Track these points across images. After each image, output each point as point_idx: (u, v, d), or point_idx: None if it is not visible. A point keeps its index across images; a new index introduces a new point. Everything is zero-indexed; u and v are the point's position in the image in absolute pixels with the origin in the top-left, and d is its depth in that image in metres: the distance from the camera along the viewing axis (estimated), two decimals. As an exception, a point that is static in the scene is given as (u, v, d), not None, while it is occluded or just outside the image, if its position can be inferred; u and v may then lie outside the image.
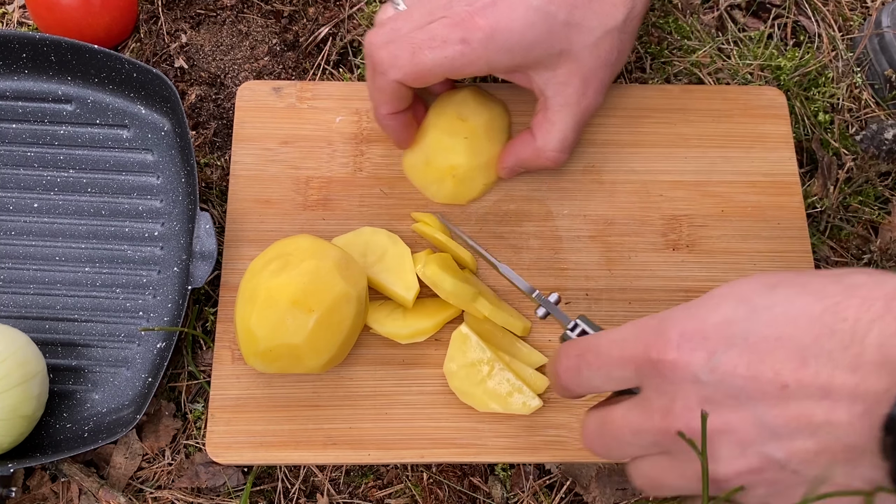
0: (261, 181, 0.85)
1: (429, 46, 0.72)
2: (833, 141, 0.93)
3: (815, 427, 0.49)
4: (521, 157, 0.81)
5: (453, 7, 0.74)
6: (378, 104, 0.78)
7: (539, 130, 0.79)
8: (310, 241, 0.76)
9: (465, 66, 0.73)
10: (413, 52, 0.73)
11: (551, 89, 0.77)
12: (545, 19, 0.73)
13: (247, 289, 0.74)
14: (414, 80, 0.74)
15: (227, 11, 0.97)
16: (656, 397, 0.54)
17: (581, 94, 0.77)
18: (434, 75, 0.74)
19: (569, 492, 0.81)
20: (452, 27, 0.72)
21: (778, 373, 0.50)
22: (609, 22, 0.75)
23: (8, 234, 0.85)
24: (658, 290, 0.83)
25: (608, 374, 0.58)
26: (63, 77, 0.88)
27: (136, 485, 0.81)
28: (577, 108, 0.78)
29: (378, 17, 0.80)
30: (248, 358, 0.74)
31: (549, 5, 0.73)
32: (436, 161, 0.82)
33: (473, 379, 0.76)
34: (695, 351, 0.52)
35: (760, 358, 0.50)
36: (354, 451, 0.77)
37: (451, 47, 0.72)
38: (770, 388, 0.50)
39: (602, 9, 0.75)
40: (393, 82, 0.74)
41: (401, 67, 0.73)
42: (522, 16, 0.72)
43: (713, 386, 0.52)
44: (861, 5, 1.02)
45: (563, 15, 0.73)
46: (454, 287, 0.76)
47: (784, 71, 0.95)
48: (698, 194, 0.86)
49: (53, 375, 0.81)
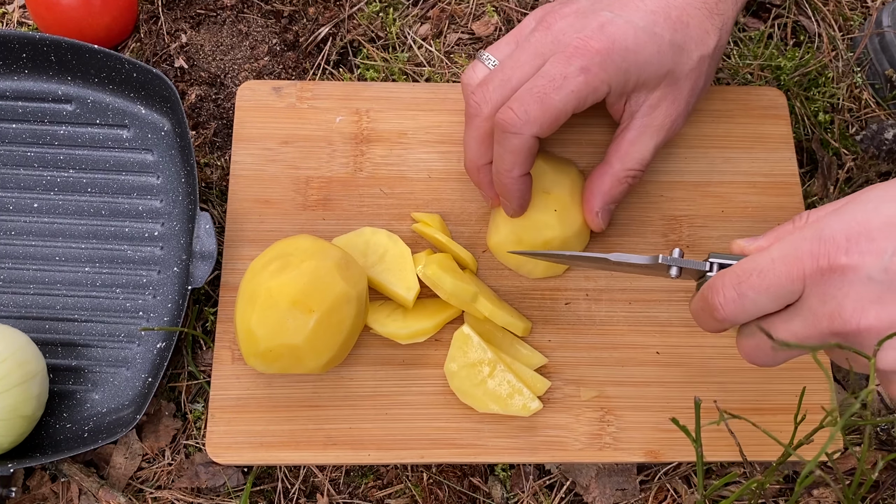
0: (261, 181, 0.85)
1: (553, 88, 0.70)
2: (833, 141, 0.93)
3: None
4: (603, 190, 0.78)
5: (562, 40, 0.72)
6: (510, 168, 0.74)
7: (616, 153, 0.78)
8: (310, 242, 0.76)
9: (590, 94, 0.72)
10: (541, 100, 0.70)
11: (641, 110, 0.77)
12: (653, 39, 0.73)
13: (247, 289, 0.74)
14: (548, 129, 0.72)
15: (227, 11, 0.97)
16: (820, 304, 0.57)
17: (667, 116, 0.77)
18: (565, 115, 0.72)
19: (569, 492, 0.81)
20: (569, 60, 0.71)
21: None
22: (703, 48, 0.75)
23: (8, 234, 0.85)
24: (658, 291, 0.83)
25: (776, 294, 0.59)
26: (63, 77, 0.88)
27: (136, 485, 0.81)
28: (660, 129, 0.77)
29: (469, 77, 0.78)
30: (248, 358, 0.74)
31: (654, 26, 0.73)
32: (529, 239, 0.79)
33: (474, 379, 0.76)
34: (864, 254, 0.55)
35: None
36: (354, 451, 0.77)
37: (574, 80, 0.71)
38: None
39: (697, 35, 0.75)
40: (530, 139, 0.72)
41: (535, 120, 0.71)
42: (633, 36, 0.72)
43: (885, 284, 0.54)
44: (861, 5, 1.02)
45: (667, 36, 0.73)
46: (454, 287, 0.76)
47: (784, 71, 0.95)
48: (698, 195, 0.86)
49: (53, 375, 0.81)
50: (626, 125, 0.78)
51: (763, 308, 0.61)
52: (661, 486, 0.82)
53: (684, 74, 0.75)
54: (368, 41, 0.97)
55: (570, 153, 0.87)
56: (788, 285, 0.58)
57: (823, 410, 0.78)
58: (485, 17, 0.98)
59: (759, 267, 0.60)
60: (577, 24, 0.73)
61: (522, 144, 0.72)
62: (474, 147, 0.77)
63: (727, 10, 0.76)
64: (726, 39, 0.78)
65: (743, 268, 0.61)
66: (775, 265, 0.59)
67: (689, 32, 0.74)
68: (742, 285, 0.60)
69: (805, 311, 0.58)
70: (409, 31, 0.97)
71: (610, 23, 0.72)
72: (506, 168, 0.74)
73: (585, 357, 0.81)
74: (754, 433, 0.70)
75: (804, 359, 0.81)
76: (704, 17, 0.75)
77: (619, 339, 0.81)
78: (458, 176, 0.86)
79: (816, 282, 0.57)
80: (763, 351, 0.63)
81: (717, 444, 0.77)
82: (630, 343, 0.81)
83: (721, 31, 0.76)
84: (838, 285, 0.56)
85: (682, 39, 0.74)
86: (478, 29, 0.97)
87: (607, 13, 0.73)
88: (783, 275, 0.58)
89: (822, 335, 0.58)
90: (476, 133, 0.76)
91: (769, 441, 0.75)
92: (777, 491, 0.82)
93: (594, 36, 0.71)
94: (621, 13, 0.73)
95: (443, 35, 0.97)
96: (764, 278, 0.59)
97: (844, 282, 0.56)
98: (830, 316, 0.56)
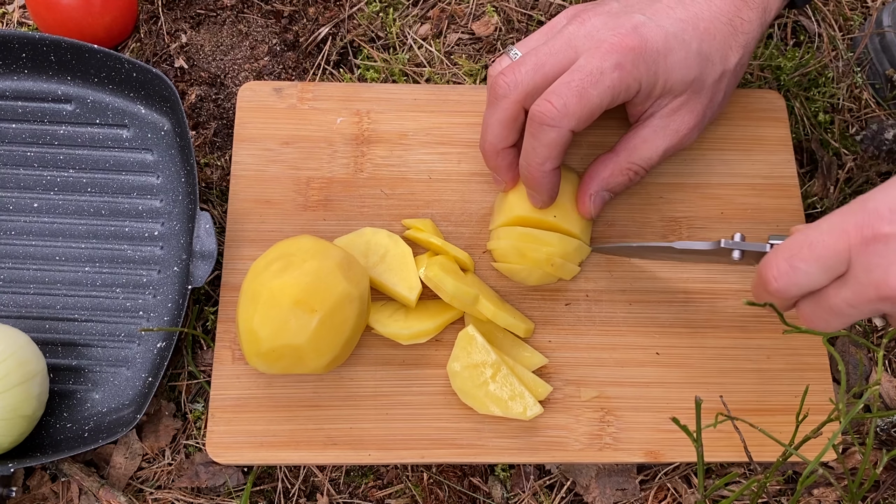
0: (261, 182, 0.85)
1: (591, 83, 0.71)
2: (833, 141, 0.93)
3: None
4: (602, 176, 0.79)
5: (596, 36, 0.73)
6: (542, 161, 0.75)
7: (625, 147, 0.79)
8: (312, 242, 0.76)
9: (623, 91, 0.73)
10: (580, 94, 0.71)
11: (660, 112, 0.78)
12: (682, 46, 0.74)
13: (249, 289, 0.74)
14: (584, 123, 0.73)
15: (227, 11, 0.97)
16: (866, 273, 0.59)
17: (684, 122, 0.78)
18: (599, 111, 0.73)
19: (569, 492, 0.81)
20: (605, 55, 0.72)
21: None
22: (727, 64, 0.77)
23: (8, 234, 0.85)
24: (658, 292, 0.83)
25: (826, 265, 0.61)
26: (63, 77, 0.88)
27: (136, 485, 0.81)
28: (674, 135, 0.78)
29: (495, 69, 0.79)
30: (250, 358, 0.74)
31: (683, 33, 0.74)
32: (530, 253, 0.79)
33: (476, 381, 0.76)
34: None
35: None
36: (355, 451, 0.77)
37: (610, 76, 0.72)
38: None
39: (721, 49, 0.76)
40: (567, 133, 0.73)
41: (574, 114, 0.72)
42: (664, 39, 0.73)
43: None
44: (861, 5, 1.02)
45: (695, 45, 0.75)
46: (456, 289, 0.76)
47: (784, 71, 0.95)
48: (698, 196, 0.87)
49: (53, 375, 0.81)
50: (643, 124, 0.79)
51: (814, 280, 0.62)
52: (661, 485, 0.82)
53: (707, 85, 0.77)
54: (368, 41, 0.97)
55: (570, 154, 0.87)
56: (836, 255, 0.60)
57: (831, 403, 0.79)
58: (485, 17, 0.98)
59: (808, 240, 0.62)
60: (610, 22, 0.74)
61: (559, 138, 0.73)
62: (497, 129, 0.77)
63: (752, 30, 0.77)
64: (748, 60, 0.79)
65: (795, 240, 0.63)
66: (823, 237, 0.61)
67: (715, 45, 0.76)
68: (794, 258, 0.62)
69: (853, 280, 0.60)
70: (409, 31, 0.97)
71: (643, 25, 0.73)
72: (538, 161, 0.75)
73: (585, 358, 0.81)
74: (753, 434, 0.70)
75: (804, 360, 0.81)
76: (729, 34, 0.76)
77: (619, 339, 0.81)
78: (458, 177, 0.86)
79: (861, 251, 0.59)
80: (820, 313, 0.64)
81: (717, 445, 0.77)
82: (630, 344, 0.81)
83: (745, 49, 0.78)
84: (883, 253, 0.58)
85: (709, 51, 0.76)
86: (478, 29, 0.97)
87: (640, 16, 0.74)
88: (830, 245, 0.60)
89: (871, 302, 0.59)
90: (502, 115, 0.76)
91: (768, 442, 0.75)
92: (777, 491, 0.82)
93: (629, 35, 0.72)
94: (653, 18, 0.74)
95: (443, 35, 0.97)
96: (814, 250, 0.61)
97: (888, 250, 0.58)
98: (877, 284, 0.58)
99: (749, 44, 0.78)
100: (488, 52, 0.96)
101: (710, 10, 0.76)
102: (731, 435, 0.77)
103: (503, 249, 0.80)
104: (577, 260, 0.81)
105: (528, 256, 0.79)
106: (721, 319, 0.82)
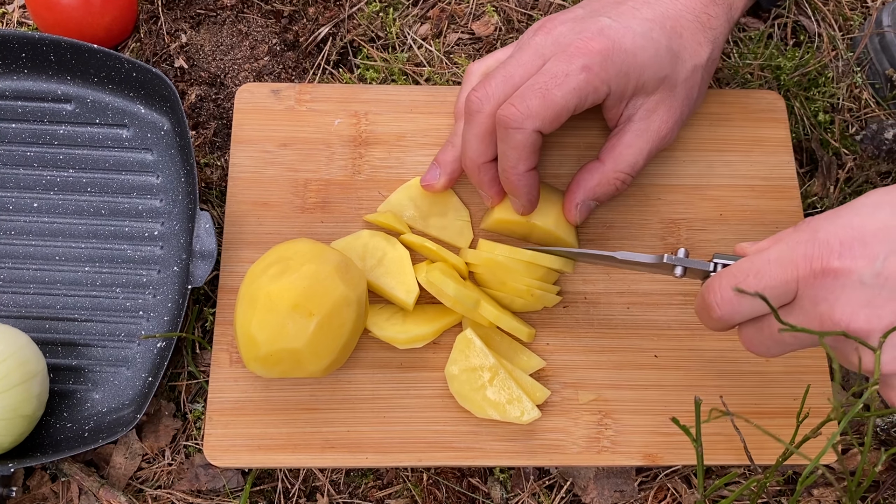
0: (259, 183, 0.85)
1: (555, 84, 0.72)
2: (833, 141, 0.93)
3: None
4: (589, 186, 0.79)
5: (562, 42, 0.74)
6: (515, 163, 0.75)
7: (610, 154, 0.79)
8: (309, 245, 0.76)
9: (590, 93, 0.73)
10: (542, 95, 0.72)
11: (638, 114, 0.78)
12: (651, 44, 0.74)
13: (246, 294, 0.74)
14: (550, 124, 0.73)
15: (227, 11, 0.97)
16: (812, 306, 0.58)
17: (663, 122, 0.78)
18: (566, 112, 0.73)
19: (568, 493, 0.81)
20: (570, 58, 0.72)
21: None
22: (697, 59, 0.77)
23: (8, 234, 0.85)
24: (656, 294, 0.83)
25: (771, 295, 0.60)
26: (63, 77, 0.88)
27: (136, 485, 0.81)
28: (655, 135, 0.78)
29: (472, 71, 0.81)
30: (248, 363, 0.74)
31: (651, 32, 0.75)
32: (510, 282, 0.79)
33: (474, 384, 0.76)
34: (858, 258, 0.56)
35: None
36: (352, 454, 0.77)
37: (575, 77, 0.72)
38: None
39: (690, 45, 0.77)
40: (532, 133, 0.73)
41: (536, 115, 0.72)
42: (631, 40, 0.74)
43: (877, 289, 0.56)
44: (861, 5, 1.02)
45: (664, 42, 0.75)
46: (458, 292, 0.76)
47: (784, 71, 0.95)
48: (697, 198, 0.86)
49: (54, 375, 0.81)
50: (623, 128, 0.79)
51: (758, 309, 0.62)
52: (660, 485, 0.82)
53: (680, 81, 0.77)
54: (368, 41, 0.97)
55: (570, 154, 0.87)
56: (783, 286, 0.60)
57: (829, 403, 0.79)
58: (485, 17, 0.98)
59: (755, 268, 0.61)
60: (576, 27, 0.75)
61: (525, 139, 0.73)
62: (475, 145, 0.77)
63: (719, 25, 0.78)
64: (718, 54, 0.80)
65: (740, 268, 0.62)
66: (771, 267, 0.60)
67: (684, 42, 0.76)
68: (738, 286, 0.61)
69: (798, 311, 0.60)
70: (408, 31, 0.97)
71: (608, 27, 0.74)
72: (510, 164, 0.75)
73: (583, 360, 0.81)
74: (752, 437, 0.70)
75: (803, 362, 0.81)
76: (697, 30, 0.77)
77: (617, 342, 0.81)
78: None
79: (810, 284, 0.58)
80: (761, 339, 0.64)
81: (716, 447, 0.77)
82: (628, 346, 0.81)
83: (713, 44, 0.78)
84: (830, 288, 0.57)
85: (678, 48, 0.76)
86: (478, 29, 0.97)
87: (605, 19, 0.74)
88: (778, 276, 0.60)
89: (814, 337, 0.59)
90: (477, 130, 0.76)
91: (767, 444, 0.75)
92: (777, 491, 0.82)
93: (595, 38, 0.73)
94: (619, 19, 0.75)
95: (443, 35, 0.97)
96: (760, 279, 0.60)
97: (836, 285, 0.57)
98: (821, 318, 0.58)
99: (717, 39, 0.78)
100: (488, 51, 0.96)
101: (675, 7, 0.76)
102: (730, 437, 0.77)
103: (485, 276, 0.80)
104: (571, 265, 0.81)
105: (508, 285, 0.79)
106: (719, 322, 0.82)
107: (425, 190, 0.83)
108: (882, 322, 0.56)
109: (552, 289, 0.80)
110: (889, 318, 0.56)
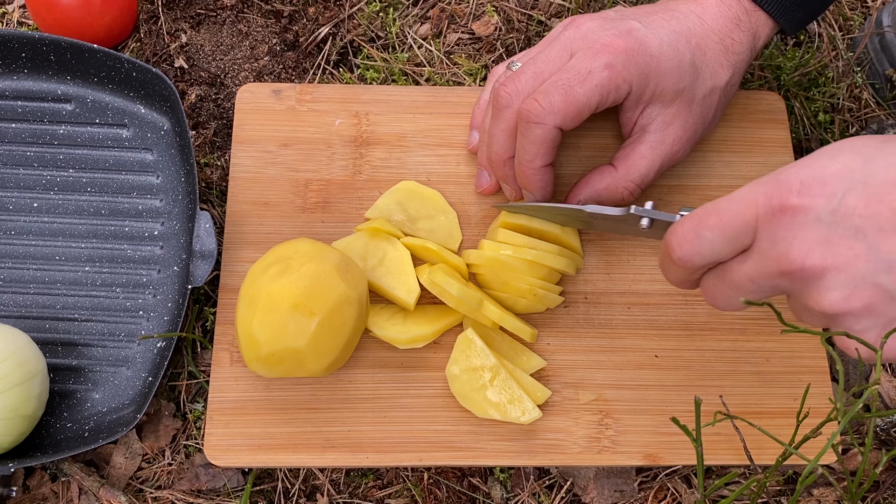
0: (260, 183, 0.85)
1: (578, 81, 0.73)
2: (833, 141, 0.93)
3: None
4: (596, 188, 0.80)
5: (589, 38, 0.75)
6: (533, 157, 0.76)
7: (623, 162, 0.79)
8: (309, 245, 0.76)
9: (612, 91, 0.74)
10: (565, 91, 0.72)
11: (654, 125, 0.78)
12: (675, 54, 0.75)
13: (247, 294, 0.74)
14: (572, 121, 0.74)
15: (227, 11, 0.97)
16: (769, 247, 0.58)
17: (677, 137, 0.78)
18: (588, 109, 0.74)
19: (568, 492, 0.81)
20: (594, 56, 0.73)
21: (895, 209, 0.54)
22: (717, 80, 0.78)
23: (8, 234, 0.85)
24: (657, 294, 0.83)
25: (730, 234, 0.60)
26: (62, 76, 0.88)
27: (136, 485, 0.81)
28: (669, 150, 0.79)
29: (496, 73, 0.83)
30: (249, 363, 0.74)
31: (677, 43, 0.75)
32: (514, 282, 0.79)
33: (475, 384, 0.76)
34: (816, 196, 0.56)
35: (879, 198, 0.55)
36: (353, 454, 0.77)
37: (598, 75, 0.73)
38: (887, 224, 0.55)
39: (712, 66, 0.77)
40: (553, 129, 0.74)
41: (558, 111, 0.73)
42: (657, 46, 0.74)
43: (832, 226, 0.56)
44: (861, 5, 1.02)
45: (689, 56, 0.76)
46: (461, 292, 0.76)
47: (784, 71, 0.95)
48: (697, 198, 0.86)
49: (54, 375, 0.81)
50: (638, 138, 0.79)
51: (718, 249, 0.61)
52: (661, 485, 0.82)
53: (698, 99, 0.78)
54: (368, 41, 0.97)
55: (569, 155, 0.87)
56: (742, 225, 0.59)
57: (830, 402, 0.79)
58: (485, 17, 0.98)
59: (717, 208, 0.61)
60: (606, 25, 0.76)
61: (545, 135, 0.74)
62: (502, 140, 0.78)
63: (742, 52, 0.78)
64: (738, 81, 0.80)
65: (704, 209, 0.62)
66: (731, 205, 0.60)
67: (707, 61, 0.77)
68: (699, 226, 0.61)
69: (756, 253, 0.59)
70: (409, 31, 0.97)
71: (637, 29, 0.74)
72: (527, 158, 0.76)
73: (584, 360, 0.81)
74: (752, 437, 0.70)
75: (803, 362, 0.81)
76: (720, 52, 0.78)
77: (617, 342, 0.82)
78: (457, 179, 0.86)
79: (767, 222, 0.58)
80: (723, 289, 0.63)
81: (716, 447, 0.77)
82: (628, 346, 0.81)
83: (734, 69, 0.78)
84: (788, 226, 0.57)
85: (700, 64, 0.77)
86: (478, 29, 0.97)
87: (635, 22, 0.75)
88: (738, 214, 0.59)
89: (772, 277, 0.58)
90: (505, 125, 0.77)
91: (767, 444, 0.75)
92: (777, 491, 0.82)
93: (622, 36, 0.74)
94: (649, 26, 0.75)
95: (443, 35, 0.97)
96: (721, 218, 0.60)
97: (794, 223, 0.57)
98: (778, 257, 0.57)
99: (739, 65, 0.79)
100: (488, 51, 0.96)
101: (702, 27, 0.77)
102: (730, 437, 0.77)
103: (487, 277, 0.80)
104: (574, 268, 0.81)
105: (510, 286, 0.79)
106: (720, 322, 0.82)
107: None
108: (837, 259, 0.56)
109: (555, 289, 0.80)
110: (844, 255, 0.55)
